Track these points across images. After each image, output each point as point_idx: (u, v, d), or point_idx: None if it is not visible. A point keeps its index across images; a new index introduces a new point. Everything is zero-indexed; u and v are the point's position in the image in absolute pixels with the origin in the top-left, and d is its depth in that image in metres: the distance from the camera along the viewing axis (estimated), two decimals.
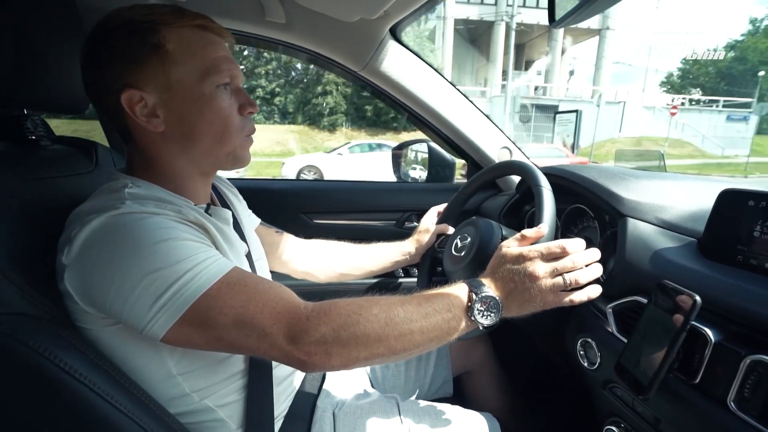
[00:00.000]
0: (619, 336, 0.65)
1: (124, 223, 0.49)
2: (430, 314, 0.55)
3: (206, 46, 0.58)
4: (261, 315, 0.49)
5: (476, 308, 0.57)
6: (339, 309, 0.51)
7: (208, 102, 0.58)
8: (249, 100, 0.62)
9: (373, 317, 0.52)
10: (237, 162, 0.64)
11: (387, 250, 0.99)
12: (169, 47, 0.55)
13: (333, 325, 0.50)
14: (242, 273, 0.53)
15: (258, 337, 0.49)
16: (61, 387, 0.47)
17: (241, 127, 0.62)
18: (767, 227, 0.53)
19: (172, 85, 0.56)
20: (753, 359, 0.45)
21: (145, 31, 0.55)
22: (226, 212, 0.65)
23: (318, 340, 0.49)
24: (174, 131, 0.58)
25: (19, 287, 0.49)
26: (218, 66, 0.58)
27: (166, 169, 0.60)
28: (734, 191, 0.58)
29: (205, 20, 0.59)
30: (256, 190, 1.25)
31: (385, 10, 0.91)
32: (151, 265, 0.47)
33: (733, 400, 0.46)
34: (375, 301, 0.54)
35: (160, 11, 0.56)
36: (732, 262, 0.57)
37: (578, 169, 0.90)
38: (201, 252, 0.51)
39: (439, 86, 1.21)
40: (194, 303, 0.48)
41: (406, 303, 0.55)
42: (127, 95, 0.55)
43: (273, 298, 0.51)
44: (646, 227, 0.70)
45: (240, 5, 0.98)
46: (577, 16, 0.55)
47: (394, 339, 0.52)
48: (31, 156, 0.67)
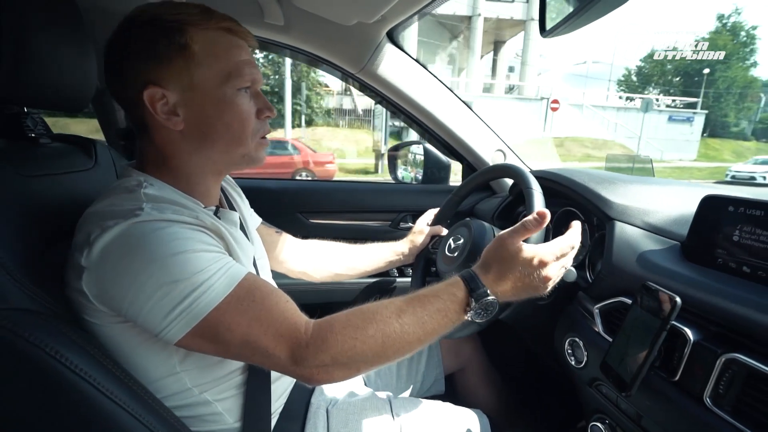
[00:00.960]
0: (605, 336, 0.67)
1: (144, 232, 0.50)
2: (426, 321, 0.56)
3: (231, 50, 0.59)
4: (265, 336, 0.51)
5: (474, 311, 0.58)
6: (335, 335, 0.52)
7: (229, 104, 0.59)
8: (267, 105, 0.64)
9: (370, 339, 0.53)
10: (251, 162, 0.65)
11: (381, 251, 1.00)
12: (195, 48, 0.56)
13: (331, 353, 0.52)
14: (251, 284, 0.54)
15: (262, 356, 0.52)
16: (61, 382, 0.47)
17: (257, 129, 0.63)
18: (745, 232, 0.55)
19: (195, 85, 0.57)
20: (728, 357, 0.48)
21: (173, 30, 0.55)
22: (234, 214, 0.67)
23: (318, 364, 0.51)
24: (192, 130, 0.59)
25: (21, 283, 0.50)
26: (241, 70, 0.59)
27: (180, 166, 0.61)
28: (715, 197, 0.60)
29: (232, 23, 0.60)
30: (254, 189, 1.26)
31: (383, 14, 0.92)
32: (167, 277, 0.49)
33: (709, 396, 0.49)
34: (371, 318, 0.54)
35: (189, 11, 0.57)
36: (713, 265, 0.59)
37: (569, 173, 0.92)
38: (213, 263, 0.52)
39: (435, 89, 1.23)
40: (205, 318, 0.49)
41: (402, 314, 0.55)
42: (149, 92, 0.56)
43: (277, 318, 0.52)
44: (633, 230, 0.72)
45: (238, 7, 0.99)
46: (567, 27, 0.57)
47: (392, 353, 0.54)
48: (31, 153, 0.68)
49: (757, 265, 0.53)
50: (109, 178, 0.80)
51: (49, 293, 0.53)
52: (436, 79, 1.22)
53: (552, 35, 0.59)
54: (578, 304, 0.77)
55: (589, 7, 0.53)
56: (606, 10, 0.54)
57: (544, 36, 0.60)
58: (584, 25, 0.58)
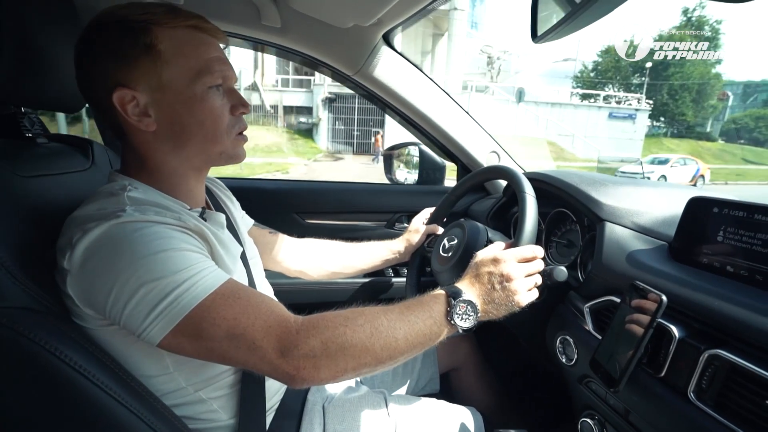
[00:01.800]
0: (595, 333, 0.69)
1: (125, 232, 0.50)
2: (412, 322, 0.57)
3: (199, 47, 0.58)
4: (252, 327, 0.50)
5: (455, 312, 0.60)
6: (326, 322, 0.53)
7: (200, 103, 0.58)
8: (241, 101, 0.63)
9: (359, 328, 0.53)
10: (230, 159, 0.65)
11: (377, 249, 1.01)
12: (161, 47, 0.56)
13: (321, 337, 0.51)
14: (236, 285, 0.54)
15: (248, 350, 0.50)
16: (61, 379, 0.48)
17: (231, 126, 0.63)
18: (729, 233, 0.57)
19: (164, 85, 0.56)
20: (710, 353, 0.49)
21: (138, 31, 0.55)
22: (220, 216, 0.67)
23: (307, 353, 0.50)
24: (165, 131, 0.59)
25: (20, 281, 0.50)
26: (210, 67, 0.58)
27: (159, 167, 0.61)
28: (701, 199, 0.62)
29: (199, 20, 0.59)
30: (250, 190, 1.27)
31: (379, 17, 0.94)
32: (149, 275, 0.48)
33: (692, 391, 0.50)
34: (360, 312, 0.56)
35: (155, 11, 0.56)
36: (698, 265, 0.61)
37: (561, 175, 0.94)
38: (198, 263, 0.52)
39: (430, 91, 1.24)
40: (188, 314, 0.49)
41: (389, 312, 0.57)
42: (118, 94, 0.55)
43: (264, 311, 0.52)
44: (623, 231, 0.74)
45: (236, 9, 1.00)
46: (558, 32, 0.59)
47: (380, 348, 0.54)
48: (29, 153, 0.68)
49: (740, 265, 0.55)
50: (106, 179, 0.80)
51: (48, 291, 0.53)
52: (431, 81, 1.24)
53: (543, 41, 0.61)
54: (570, 303, 0.78)
55: (580, 13, 0.54)
56: (596, 16, 0.56)
57: (535, 42, 0.62)
58: (575, 31, 0.59)
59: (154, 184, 0.61)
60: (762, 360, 0.46)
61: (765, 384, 0.44)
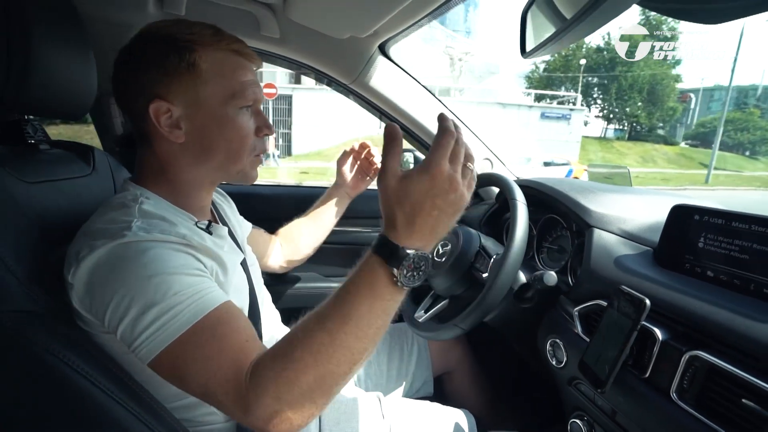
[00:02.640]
0: (584, 336, 0.71)
1: (126, 254, 0.51)
2: (356, 319, 0.47)
3: (236, 70, 0.61)
4: (214, 380, 0.48)
5: (403, 277, 0.47)
6: (267, 372, 0.47)
7: (231, 122, 0.61)
8: (267, 123, 0.66)
9: (301, 364, 0.46)
10: (244, 179, 0.67)
11: (330, 204, 1.07)
12: (203, 66, 0.58)
13: (271, 394, 0.46)
14: (220, 317, 0.52)
15: (217, 403, 0.49)
16: (62, 381, 0.49)
17: (254, 147, 0.65)
18: (709, 239, 0.60)
19: (200, 101, 0.59)
20: (691, 355, 0.52)
21: (184, 49, 0.58)
22: (224, 229, 0.69)
23: (266, 411, 0.46)
24: (193, 144, 0.61)
25: (24, 284, 0.51)
26: (245, 90, 0.61)
27: (177, 178, 0.63)
28: (683, 206, 0.65)
29: (241, 45, 0.62)
30: (246, 195, 1.29)
31: (375, 29, 0.96)
32: (141, 298, 0.50)
33: (675, 391, 0.53)
34: (292, 340, 0.48)
35: (201, 32, 0.59)
36: (681, 270, 0.64)
37: (551, 182, 0.97)
38: (190, 287, 0.52)
39: (425, 100, 1.27)
40: (171, 344, 0.49)
41: (326, 319, 0.48)
42: (155, 105, 0.58)
43: (227, 359, 0.49)
44: (610, 237, 0.76)
45: (236, 19, 1.02)
46: (546, 48, 0.62)
47: (335, 366, 0.47)
48: (31, 159, 0.69)
49: (719, 270, 0.58)
50: (107, 185, 0.82)
51: (52, 295, 0.54)
52: (426, 90, 1.27)
53: (532, 56, 0.63)
54: (560, 307, 0.81)
55: (568, 30, 0.56)
56: (584, 34, 0.58)
57: (524, 57, 0.65)
58: (563, 47, 0.62)
59: (166, 194, 0.63)
60: (739, 361, 0.48)
61: (741, 384, 0.47)
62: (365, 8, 0.88)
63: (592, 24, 0.54)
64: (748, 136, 28.79)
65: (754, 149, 28.75)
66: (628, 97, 25.52)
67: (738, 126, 29.31)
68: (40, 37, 0.64)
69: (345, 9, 0.91)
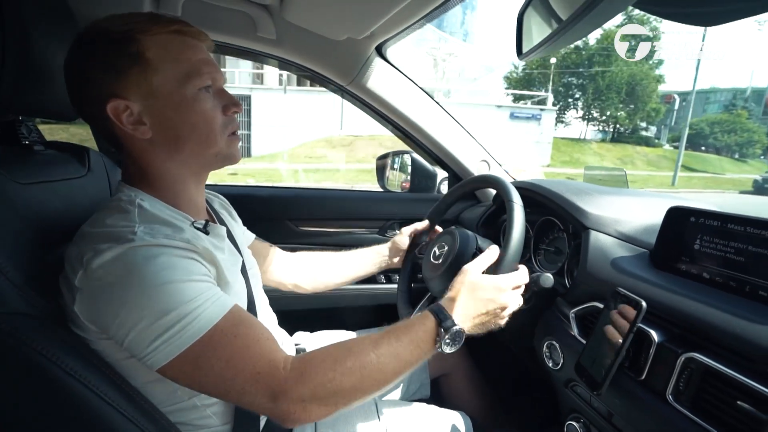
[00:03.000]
0: (580, 338, 0.71)
1: (136, 260, 0.51)
2: (400, 353, 0.58)
3: (185, 51, 0.59)
4: (243, 373, 0.51)
5: (444, 341, 0.61)
6: (315, 368, 0.53)
7: (191, 105, 0.59)
8: (233, 100, 0.64)
9: (348, 371, 0.54)
10: (226, 160, 0.66)
11: (368, 256, 1.03)
12: (148, 55, 0.56)
13: (310, 385, 0.52)
14: (236, 318, 0.54)
15: (239, 394, 0.52)
16: (58, 384, 0.49)
17: (224, 126, 0.63)
18: (705, 241, 0.60)
19: (155, 91, 0.57)
20: (687, 357, 0.52)
21: (123, 42, 0.56)
22: (222, 229, 0.69)
23: (296, 399, 0.51)
24: (161, 137, 0.60)
25: (19, 287, 0.51)
26: (198, 69, 0.59)
27: (160, 176, 0.62)
28: (679, 208, 0.65)
29: (181, 25, 0.60)
30: (244, 197, 1.29)
31: (372, 31, 0.96)
32: (154, 306, 0.50)
33: (671, 393, 0.53)
34: (348, 352, 0.56)
35: (136, 20, 0.57)
36: (677, 272, 0.64)
37: (548, 184, 0.97)
38: (201, 294, 0.53)
39: (422, 102, 1.27)
40: (186, 350, 0.50)
41: (378, 346, 0.58)
42: (112, 105, 0.56)
43: (256, 354, 0.53)
44: (606, 239, 0.76)
45: (232, 21, 1.02)
46: (543, 50, 0.62)
47: (369, 386, 0.56)
48: (26, 160, 0.69)
49: (715, 272, 0.58)
50: (102, 186, 0.81)
51: (47, 298, 0.54)
52: (423, 92, 1.27)
53: (528, 57, 0.63)
54: (556, 308, 0.81)
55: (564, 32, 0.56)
56: (580, 35, 0.58)
57: (520, 58, 0.65)
58: (559, 49, 0.62)
59: (157, 195, 0.62)
60: (734, 363, 0.48)
61: (737, 386, 0.47)
62: (362, 10, 0.88)
63: (588, 25, 0.54)
64: (736, 138, 28.10)
65: (741, 151, 28.11)
66: (606, 97, 24.65)
67: (725, 128, 28.56)
68: (35, 38, 0.64)
69: (342, 10, 0.91)
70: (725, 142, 28.58)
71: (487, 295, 0.67)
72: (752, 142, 27.66)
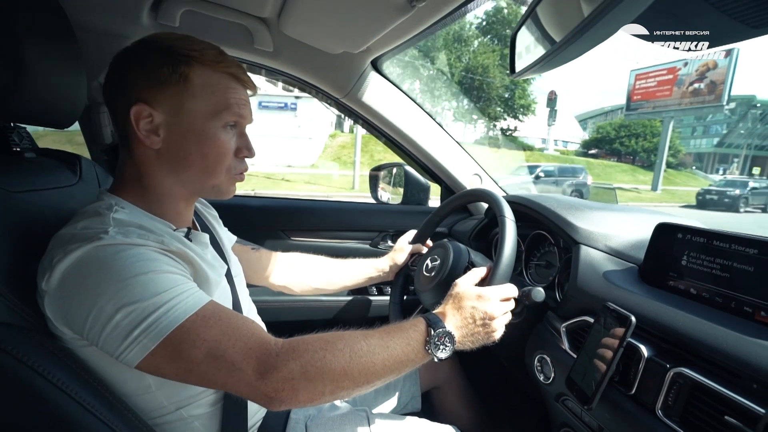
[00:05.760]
0: (571, 353, 0.72)
1: (106, 254, 0.50)
2: (390, 348, 0.58)
3: (228, 90, 0.61)
4: (233, 349, 0.51)
5: (433, 342, 0.61)
6: (306, 345, 0.54)
7: (210, 137, 0.61)
8: (248, 145, 0.66)
9: (339, 352, 0.54)
10: (219, 194, 0.67)
11: (362, 266, 1.03)
12: (195, 81, 0.59)
13: (301, 360, 0.52)
14: (217, 307, 0.54)
15: (228, 372, 0.50)
16: (43, 396, 0.48)
17: (231, 167, 0.65)
18: (691, 257, 0.61)
19: (183, 112, 0.59)
20: (675, 371, 0.52)
21: (180, 61, 0.58)
22: (205, 236, 0.68)
23: (286, 375, 0.51)
24: (169, 152, 0.61)
25: (5, 297, 0.50)
26: (231, 106, 0.61)
27: (153, 186, 0.62)
28: (667, 225, 0.66)
29: (239, 70, 0.62)
30: (236, 207, 1.28)
31: (368, 45, 0.98)
32: (128, 298, 0.49)
33: (660, 408, 0.53)
34: (340, 336, 0.57)
35: (204, 50, 0.60)
36: (665, 287, 0.65)
37: (540, 199, 0.98)
38: (179, 285, 0.52)
39: (416, 116, 1.29)
40: (167, 336, 0.49)
41: (369, 337, 0.58)
42: (137, 108, 0.58)
43: (245, 333, 0.53)
44: (596, 254, 0.78)
45: (230, 33, 1.03)
46: (536, 69, 0.63)
47: (358, 372, 0.55)
48: (16, 168, 0.68)
49: (702, 288, 0.59)
50: (93, 195, 0.80)
51: (33, 308, 0.53)
52: (417, 106, 1.29)
53: (521, 76, 0.65)
54: (547, 322, 0.81)
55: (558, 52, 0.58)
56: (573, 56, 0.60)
57: (513, 77, 0.66)
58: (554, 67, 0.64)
59: (143, 203, 0.62)
60: (721, 378, 0.49)
61: (724, 401, 0.48)
62: (358, 25, 0.89)
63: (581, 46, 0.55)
64: (643, 143, 26.37)
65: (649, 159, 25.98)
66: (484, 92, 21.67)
67: (633, 131, 26.47)
68: (31, 46, 0.64)
69: (338, 25, 0.92)
70: (632, 148, 26.71)
71: (471, 303, 0.67)
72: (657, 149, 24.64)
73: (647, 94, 21.96)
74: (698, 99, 19.68)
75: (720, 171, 33.16)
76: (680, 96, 20.35)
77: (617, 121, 29.48)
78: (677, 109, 20.61)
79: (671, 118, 20.64)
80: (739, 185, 16.43)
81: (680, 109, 20.66)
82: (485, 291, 0.69)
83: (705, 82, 19.26)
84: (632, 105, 22.65)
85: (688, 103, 20.09)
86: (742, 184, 16.48)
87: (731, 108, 27.66)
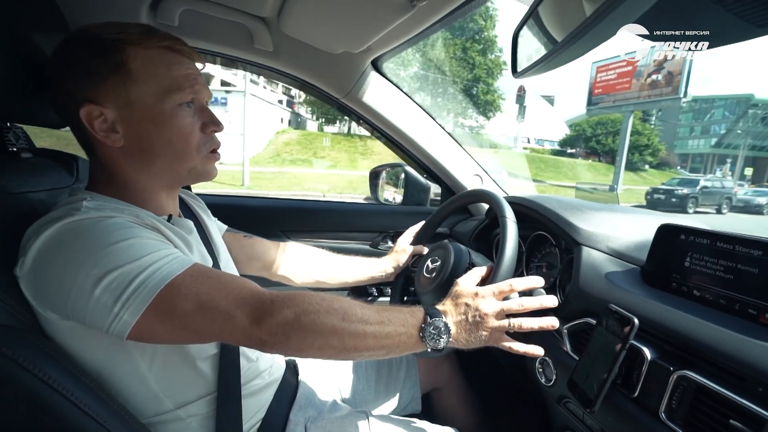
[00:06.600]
0: (573, 355, 0.71)
1: (81, 227, 0.49)
2: (385, 323, 0.58)
3: (171, 66, 0.59)
4: (226, 300, 0.51)
5: (428, 330, 0.61)
6: (303, 297, 0.55)
7: (168, 120, 0.58)
8: (213, 119, 0.64)
9: (333, 310, 0.55)
10: (200, 177, 0.65)
11: (364, 264, 1.02)
12: (132, 66, 0.56)
13: (295, 309, 0.52)
14: (204, 267, 0.55)
15: (223, 321, 0.51)
16: (38, 396, 0.47)
17: (201, 144, 0.63)
18: (695, 259, 0.61)
19: (132, 102, 0.57)
20: (679, 374, 0.52)
21: (110, 49, 0.56)
22: (188, 222, 0.67)
23: (280, 321, 0.51)
24: (133, 147, 0.59)
25: (1, 299, 0.50)
26: (180, 84, 0.59)
27: (128, 183, 0.61)
28: (670, 226, 0.66)
29: (174, 41, 0.60)
30: (236, 207, 1.28)
31: (368, 45, 0.97)
32: (111, 264, 0.47)
33: (663, 411, 0.53)
34: (336, 298, 0.58)
35: (130, 30, 0.57)
36: (668, 289, 0.64)
37: (541, 200, 0.98)
38: (162, 249, 0.52)
39: (416, 116, 1.28)
40: (160, 292, 0.48)
41: (366, 307, 0.59)
42: (86, 110, 0.56)
43: (237, 285, 0.54)
44: (598, 255, 0.77)
45: (230, 32, 1.02)
46: (538, 69, 0.63)
47: (348, 335, 0.55)
48: (13, 168, 0.68)
49: (705, 290, 0.59)
50: None
51: (29, 309, 0.53)
52: (418, 106, 1.28)
53: (523, 76, 0.65)
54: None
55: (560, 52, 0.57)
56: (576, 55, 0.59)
57: (516, 76, 0.66)
58: (557, 67, 0.63)
59: (123, 198, 0.60)
60: (726, 381, 0.49)
61: (729, 404, 0.47)
62: (359, 24, 0.89)
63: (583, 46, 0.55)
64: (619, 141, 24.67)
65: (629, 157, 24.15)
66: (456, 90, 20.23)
67: (609, 129, 25.51)
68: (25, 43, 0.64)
69: (338, 25, 0.92)
70: (608, 146, 25.70)
71: (465, 300, 0.67)
72: (639, 147, 24.42)
73: (608, 87, 20.70)
74: (656, 92, 18.50)
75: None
76: (639, 89, 19.22)
77: (594, 119, 28.52)
78: (636, 103, 19.53)
79: (631, 113, 19.31)
80: (689, 184, 15.66)
81: (639, 103, 19.58)
82: (483, 288, 0.68)
83: (662, 73, 18.08)
84: (593, 99, 21.46)
85: (646, 96, 18.89)
86: (692, 183, 15.73)
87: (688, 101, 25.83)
